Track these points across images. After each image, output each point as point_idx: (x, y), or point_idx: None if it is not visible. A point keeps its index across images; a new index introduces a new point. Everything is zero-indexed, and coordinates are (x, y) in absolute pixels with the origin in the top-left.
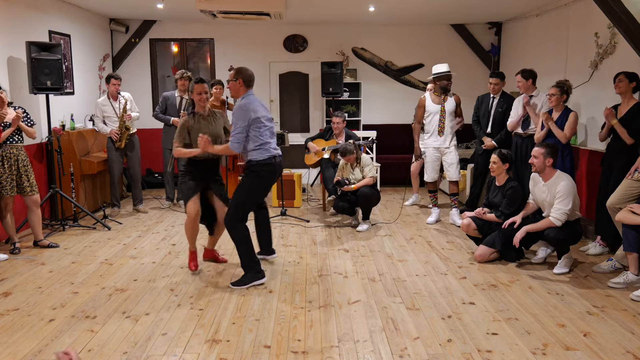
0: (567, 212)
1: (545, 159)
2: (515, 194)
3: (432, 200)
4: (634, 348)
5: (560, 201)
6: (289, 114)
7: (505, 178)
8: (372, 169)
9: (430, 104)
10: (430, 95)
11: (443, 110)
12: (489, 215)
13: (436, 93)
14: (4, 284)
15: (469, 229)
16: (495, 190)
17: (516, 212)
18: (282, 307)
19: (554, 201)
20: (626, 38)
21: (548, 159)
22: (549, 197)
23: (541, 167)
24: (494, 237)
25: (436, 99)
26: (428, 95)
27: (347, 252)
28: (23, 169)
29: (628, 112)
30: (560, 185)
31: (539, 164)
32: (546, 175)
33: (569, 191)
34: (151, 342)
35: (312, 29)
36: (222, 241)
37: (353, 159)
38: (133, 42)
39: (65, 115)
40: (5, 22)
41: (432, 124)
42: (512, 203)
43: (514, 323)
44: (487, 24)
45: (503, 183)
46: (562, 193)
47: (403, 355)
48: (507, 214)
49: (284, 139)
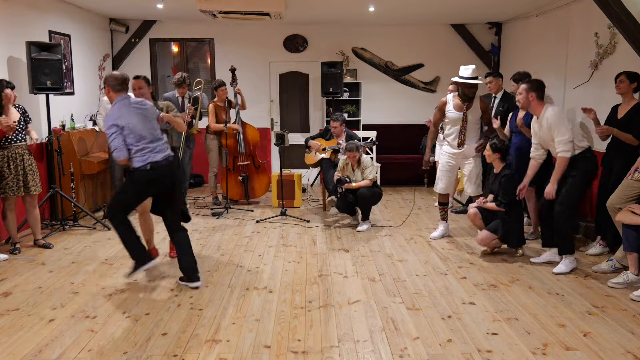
0: (569, 141)
1: (527, 94)
2: (508, 182)
3: (441, 214)
4: (634, 348)
5: (556, 133)
6: (289, 114)
7: (501, 166)
8: (372, 171)
9: (451, 109)
10: (453, 99)
11: (465, 120)
12: (489, 204)
13: (460, 97)
14: (4, 284)
15: (476, 219)
16: (493, 177)
17: (513, 201)
18: (282, 307)
19: (549, 135)
20: (626, 38)
21: (530, 93)
22: (544, 131)
23: (525, 102)
24: (496, 224)
25: (459, 105)
26: (450, 98)
27: (347, 252)
28: (28, 167)
29: (628, 112)
30: (549, 118)
31: (523, 100)
32: (535, 110)
33: (558, 120)
34: (151, 342)
35: (312, 29)
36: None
37: (357, 158)
38: (133, 42)
39: (65, 115)
40: (5, 22)
41: (452, 134)
42: (507, 192)
43: (514, 323)
44: (487, 24)
45: (499, 171)
46: (553, 124)
47: (403, 355)
48: (505, 203)
49: (284, 139)
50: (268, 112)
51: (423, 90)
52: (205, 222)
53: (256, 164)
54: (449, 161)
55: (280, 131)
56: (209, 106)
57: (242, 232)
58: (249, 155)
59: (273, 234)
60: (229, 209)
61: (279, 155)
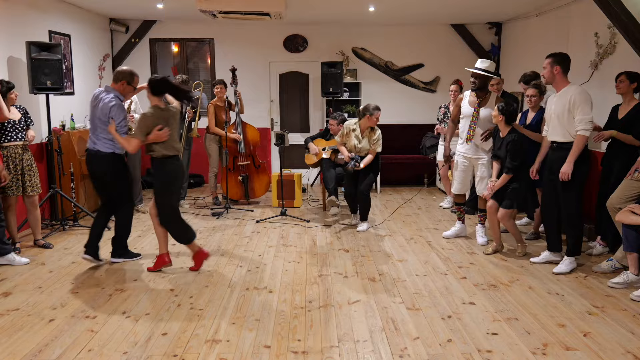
0: (590, 121)
1: (552, 67)
2: (515, 147)
3: (457, 214)
4: (634, 348)
5: (579, 111)
6: (289, 114)
7: (507, 130)
8: (380, 144)
9: (465, 104)
10: (470, 95)
11: (475, 115)
12: (498, 183)
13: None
14: (4, 284)
15: (492, 211)
16: (499, 142)
17: (522, 165)
18: (282, 307)
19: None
20: (626, 38)
21: (555, 66)
22: (559, 107)
23: (550, 76)
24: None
25: (473, 101)
26: (467, 93)
27: (347, 252)
28: (27, 168)
29: (629, 112)
30: (574, 95)
31: (548, 74)
32: (558, 85)
33: (584, 98)
34: (151, 342)
35: (312, 29)
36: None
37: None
38: (133, 42)
39: (65, 115)
40: (5, 22)
41: (463, 129)
42: (515, 156)
43: (514, 323)
44: (487, 24)
45: (506, 135)
46: (577, 102)
47: (403, 355)
48: (512, 168)
49: (284, 139)
50: (268, 112)
51: (423, 90)
52: (205, 222)
53: (256, 164)
54: (463, 161)
55: (280, 131)
56: (208, 107)
57: (242, 232)
58: (249, 155)
59: (273, 234)
60: (229, 209)
61: (279, 155)
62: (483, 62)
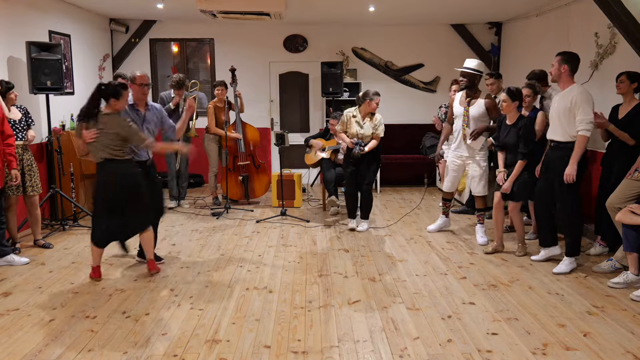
0: (591, 121)
1: (560, 66)
2: (528, 131)
3: (442, 208)
4: (634, 348)
5: (580, 112)
6: (289, 114)
7: (516, 116)
8: (383, 129)
9: (456, 104)
10: (461, 95)
11: (466, 115)
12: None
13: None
14: (4, 284)
15: (499, 207)
16: (506, 129)
17: (535, 150)
18: (282, 307)
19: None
20: (626, 38)
21: (563, 65)
22: (561, 105)
23: (557, 74)
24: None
25: (463, 100)
26: (459, 94)
27: (347, 252)
28: (27, 168)
29: (629, 112)
30: (576, 95)
31: (555, 71)
32: (563, 84)
33: (586, 99)
34: (151, 342)
35: (312, 29)
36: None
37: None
38: (133, 42)
39: (65, 115)
40: (5, 22)
41: (456, 129)
42: (528, 141)
43: (514, 323)
44: (487, 24)
45: (515, 121)
46: (579, 102)
47: (403, 355)
48: (526, 153)
49: (284, 139)
50: (268, 112)
51: (423, 90)
52: (205, 222)
53: (256, 164)
54: (455, 160)
55: (280, 131)
56: (208, 107)
57: (242, 232)
58: (249, 155)
59: (273, 234)
60: (229, 209)
61: (279, 155)
62: (471, 62)
